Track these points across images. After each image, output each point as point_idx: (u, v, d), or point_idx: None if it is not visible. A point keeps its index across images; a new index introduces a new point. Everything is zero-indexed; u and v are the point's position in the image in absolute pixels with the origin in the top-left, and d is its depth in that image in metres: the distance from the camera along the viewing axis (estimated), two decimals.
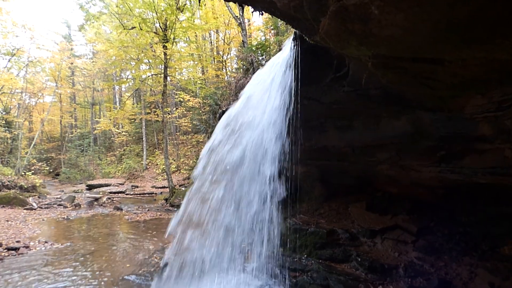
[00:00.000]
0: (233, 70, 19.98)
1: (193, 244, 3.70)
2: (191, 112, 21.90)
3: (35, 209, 12.54)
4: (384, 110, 3.88)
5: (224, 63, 21.11)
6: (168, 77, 16.06)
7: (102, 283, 5.13)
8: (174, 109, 26.03)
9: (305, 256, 4.95)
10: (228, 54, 22.56)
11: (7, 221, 9.96)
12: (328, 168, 5.86)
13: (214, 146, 4.24)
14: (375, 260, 4.35)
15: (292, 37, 3.52)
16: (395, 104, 3.61)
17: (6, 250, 6.82)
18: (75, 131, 36.56)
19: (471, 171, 3.58)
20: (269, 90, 4.03)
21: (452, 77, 2.35)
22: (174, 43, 15.36)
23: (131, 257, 6.55)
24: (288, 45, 3.65)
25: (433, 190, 4.70)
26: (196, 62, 21.29)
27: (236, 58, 20.99)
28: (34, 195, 15.74)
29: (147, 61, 18.42)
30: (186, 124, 24.20)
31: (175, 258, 3.75)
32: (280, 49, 4.78)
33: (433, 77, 2.47)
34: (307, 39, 2.96)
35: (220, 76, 19.90)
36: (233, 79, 13.83)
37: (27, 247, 7.14)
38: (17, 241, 7.53)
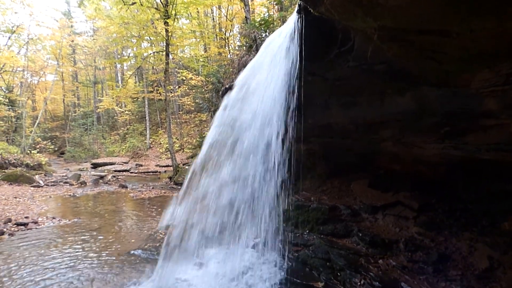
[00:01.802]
0: (236, 48, 19.63)
1: (196, 219, 3.77)
2: (193, 91, 21.73)
3: (41, 186, 12.76)
4: (388, 86, 3.82)
5: (226, 40, 20.72)
6: (170, 55, 15.85)
7: (110, 257, 5.28)
8: (177, 87, 25.85)
9: (307, 231, 5.04)
10: (230, 31, 22.10)
11: (15, 197, 10.17)
12: (331, 146, 5.85)
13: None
14: (376, 235, 4.42)
15: (296, 9, 3.42)
16: (399, 80, 3.55)
17: (15, 226, 7.00)
18: (78, 110, 36.64)
19: (475, 147, 3.57)
20: (271, 66, 3.96)
21: (460, 50, 2.29)
22: (176, 20, 15.04)
23: (137, 232, 6.70)
24: (292, 18, 3.55)
25: (435, 168, 4.70)
26: (198, 40, 20.89)
27: (239, 35, 20.57)
28: (40, 173, 15.98)
29: (149, 38, 18.13)
30: (189, 103, 24.09)
31: (179, 233, 3.82)
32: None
33: (440, 50, 2.41)
34: (311, 10, 2.88)
35: (223, 54, 19.58)
36: (236, 56, 13.60)
37: (35, 222, 7.32)
38: (26, 217, 7.71)
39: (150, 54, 18.84)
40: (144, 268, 4.77)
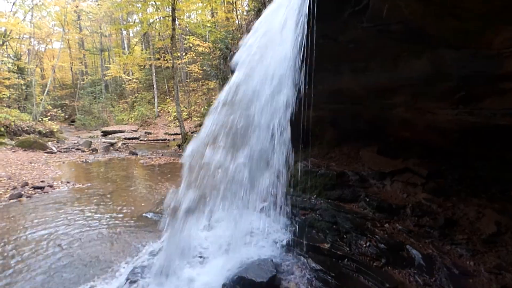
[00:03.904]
0: (244, 13, 18.92)
1: (203, 182, 3.81)
2: (201, 58, 21.35)
3: (55, 152, 13.07)
4: (403, 49, 3.67)
5: (234, 5, 19.95)
6: (176, 20, 15.42)
7: (123, 218, 5.48)
8: (184, 54, 25.43)
9: (315, 196, 5.11)
10: None
11: (30, 163, 10.47)
12: (341, 113, 5.76)
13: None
14: (383, 201, 4.45)
15: None
16: (415, 42, 3.40)
17: (32, 189, 7.27)
18: (86, 78, 36.62)
19: (490, 112, 3.46)
20: (280, 28, 3.81)
21: (483, 4, 2.15)
22: None
23: (147, 197, 6.90)
24: None
25: (447, 134, 4.62)
26: (205, 4, 20.17)
27: None
28: (53, 140, 16.33)
29: (154, 3, 17.59)
30: (196, 70, 23.78)
31: (186, 197, 3.89)
32: None
33: (462, 5, 2.27)
34: None
35: (231, 19, 18.94)
36: (244, 21, 13.17)
37: (51, 186, 7.58)
38: (42, 181, 7.98)
39: (156, 19, 18.37)
40: (155, 229, 4.95)
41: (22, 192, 6.86)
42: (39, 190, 7.22)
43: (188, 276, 3.47)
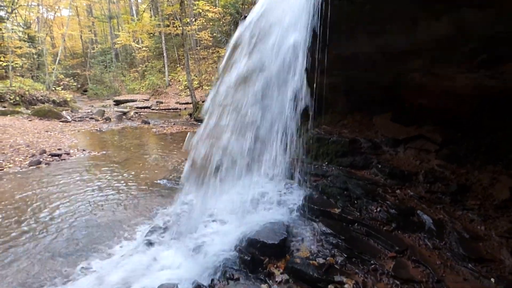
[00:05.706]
0: None
1: (215, 149, 3.84)
2: (211, 24, 20.79)
3: (69, 121, 13.33)
4: (423, 9, 3.47)
5: None
6: None
7: (138, 185, 5.64)
8: (193, 20, 24.77)
9: (326, 163, 5.13)
10: None
11: (46, 131, 10.73)
12: (355, 79, 5.61)
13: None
14: (396, 167, 4.44)
15: None
16: (437, 2, 3.20)
17: (50, 156, 7.50)
18: (97, 47, 36.38)
19: None
20: None
21: None
22: None
23: (161, 164, 7.05)
24: None
25: (464, 100, 4.47)
26: None
27: None
28: (67, 109, 16.60)
29: None
30: (207, 38, 23.24)
31: (198, 163, 3.94)
32: None
33: None
34: None
35: None
36: None
37: (68, 154, 7.81)
38: (59, 149, 8.22)
39: None
40: (169, 195, 5.10)
41: (41, 159, 7.09)
42: (56, 157, 7.46)
43: (202, 238, 3.60)
